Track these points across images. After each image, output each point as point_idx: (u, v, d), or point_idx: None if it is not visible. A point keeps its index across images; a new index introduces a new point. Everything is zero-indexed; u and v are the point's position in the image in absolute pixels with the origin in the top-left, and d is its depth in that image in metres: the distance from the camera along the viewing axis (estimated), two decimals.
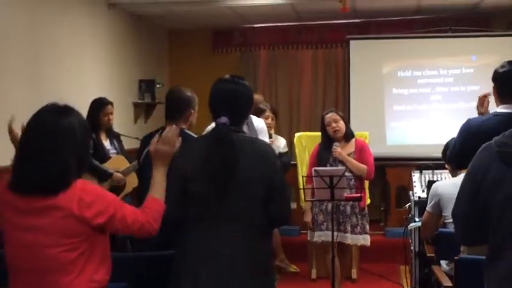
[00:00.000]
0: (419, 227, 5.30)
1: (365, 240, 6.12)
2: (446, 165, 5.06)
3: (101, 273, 2.82)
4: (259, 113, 6.29)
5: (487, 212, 2.53)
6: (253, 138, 3.29)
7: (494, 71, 3.99)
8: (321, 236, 6.04)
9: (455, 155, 4.14)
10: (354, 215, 6.04)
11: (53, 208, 2.70)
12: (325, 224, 6.04)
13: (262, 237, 3.23)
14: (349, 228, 6.01)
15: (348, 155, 6.05)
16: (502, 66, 3.94)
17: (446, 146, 4.84)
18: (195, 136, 4.07)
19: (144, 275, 3.64)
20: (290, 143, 8.68)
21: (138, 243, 4.40)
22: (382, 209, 9.12)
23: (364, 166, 5.99)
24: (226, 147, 3.12)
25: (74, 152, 2.78)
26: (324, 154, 6.09)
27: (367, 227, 6.14)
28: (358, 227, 6.05)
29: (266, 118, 6.65)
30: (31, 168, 2.74)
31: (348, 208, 6.01)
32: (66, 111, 2.85)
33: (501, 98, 3.94)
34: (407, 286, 6.36)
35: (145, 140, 4.42)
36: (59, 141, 2.75)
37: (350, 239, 6.04)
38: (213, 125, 3.33)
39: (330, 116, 6.08)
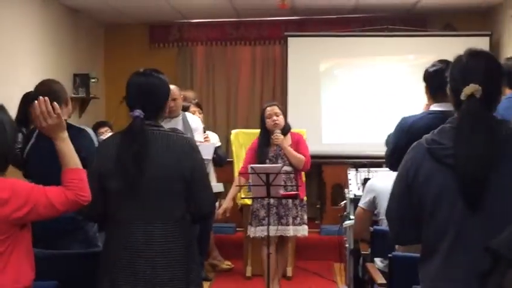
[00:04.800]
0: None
1: (303, 230, 6.19)
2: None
3: (26, 272, 2.74)
4: (184, 111, 6.22)
5: (420, 209, 2.53)
6: (169, 132, 3.19)
7: (425, 71, 4.01)
8: (263, 231, 6.04)
9: (389, 155, 4.13)
10: (294, 207, 6.12)
11: None
12: (266, 219, 6.03)
13: (184, 233, 3.18)
14: (290, 220, 6.09)
15: None
16: (433, 65, 3.97)
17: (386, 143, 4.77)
18: (79, 127, 4.01)
19: (74, 272, 3.55)
20: (227, 140, 8.63)
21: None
22: (317, 206, 9.17)
23: (301, 156, 6.10)
24: (138, 143, 3.06)
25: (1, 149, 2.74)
26: (263, 149, 6.11)
27: (305, 217, 6.23)
28: (298, 218, 6.14)
29: (193, 113, 6.64)
30: None
31: (290, 201, 6.06)
32: None
33: (433, 97, 3.96)
34: (342, 283, 6.39)
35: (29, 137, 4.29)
36: None
37: (292, 230, 6.10)
38: None
39: (272, 109, 6.16)
